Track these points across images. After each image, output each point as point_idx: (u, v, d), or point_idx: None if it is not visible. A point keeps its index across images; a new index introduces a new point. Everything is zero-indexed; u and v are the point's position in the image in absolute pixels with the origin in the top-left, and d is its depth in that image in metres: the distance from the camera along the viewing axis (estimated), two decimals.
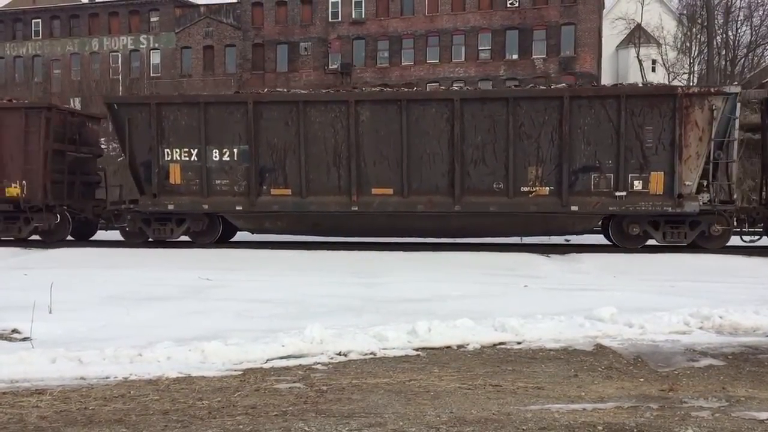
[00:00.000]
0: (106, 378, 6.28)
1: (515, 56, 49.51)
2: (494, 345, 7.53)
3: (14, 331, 8.14)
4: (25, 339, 7.74)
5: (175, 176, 16.63)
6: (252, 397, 5.68)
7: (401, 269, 13.53)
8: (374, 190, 16.06)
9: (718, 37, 45.83)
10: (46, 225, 17.65)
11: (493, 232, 16.66)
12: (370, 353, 7.12)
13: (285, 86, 49.94)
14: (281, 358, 6.94)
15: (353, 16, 52.09)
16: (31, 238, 18.02)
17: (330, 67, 52.46)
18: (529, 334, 7.79)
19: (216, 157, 16.47)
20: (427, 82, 48.50)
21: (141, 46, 56.80)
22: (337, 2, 52.40)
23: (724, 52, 46.73)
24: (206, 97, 17.84)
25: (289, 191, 16.36)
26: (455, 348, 7.42)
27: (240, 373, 6.47)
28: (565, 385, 6.03)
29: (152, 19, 56.95)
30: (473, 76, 49.15)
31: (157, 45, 56.49)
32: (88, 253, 16.26)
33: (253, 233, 17.75)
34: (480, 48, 50.03)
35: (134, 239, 17.42)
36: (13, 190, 17.38)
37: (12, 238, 17.88)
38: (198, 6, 57.09)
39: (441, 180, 15.85)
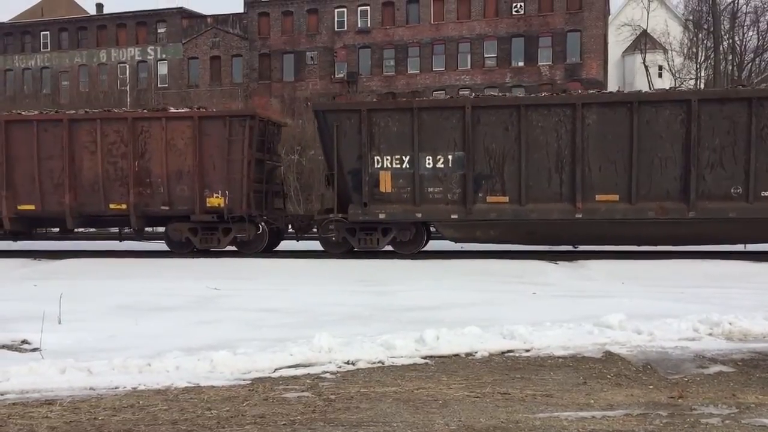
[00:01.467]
0: (116, 388, 6.29)
1: (521, 63, 49.60)
2: (502, 353, 7.50)
3: (24, 341, 8.17)
4: (34, 350, 7.77)
5: (386, 184, 16.25)
6: (260, 407, 5.69)
7: (409, 277, 13.55)
8: (598, 197, 15.59)
9: (724, 43, 45.80)
10: (247, 236, 17.27)
11: (726, 238, 16.03)
12: (378, 362, 7.11)
13: (291, 96, 50.30)
14: (289, 367, 6.94)
15: (359, 25, 52.30)
16: (227, 248, 17.62)
17: (336, 76, 52.67)
18: (538, 341, 7.76)
19: (429, 164, 16.11)
20: (433, 90, 48.63)
21: (148, 57, 57.18)
22: (343, 11, 52.65)
23: (730, 58, 46.68)
24: (420, 102, 17.40)
25: (506, 198, 15.94)
26: (463, 356, 7.40)
27: (248, 382, 6.48)
28: (573, 392, 6.01)
29: (159, 30, 57.36)
30: (479, 83, 49.22)
31: (164, 56, 56.85)
32: (96, 263, 16.34)
33: (457, 242, 17.40)
34: (486, 56, 50.16)
35: (337, 250, 17.09)
36: (215, 200, 16.91)
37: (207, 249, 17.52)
38: (205, 17, 57.40)
39: (672, 185, 15.39)
